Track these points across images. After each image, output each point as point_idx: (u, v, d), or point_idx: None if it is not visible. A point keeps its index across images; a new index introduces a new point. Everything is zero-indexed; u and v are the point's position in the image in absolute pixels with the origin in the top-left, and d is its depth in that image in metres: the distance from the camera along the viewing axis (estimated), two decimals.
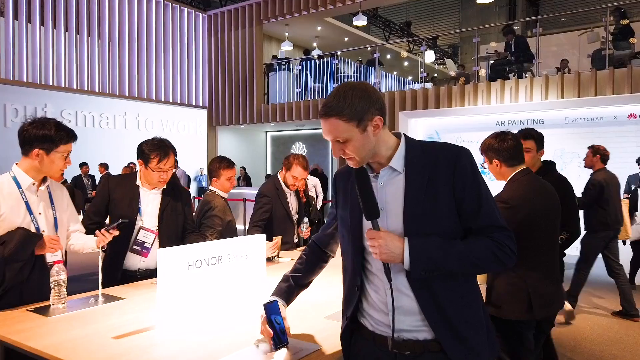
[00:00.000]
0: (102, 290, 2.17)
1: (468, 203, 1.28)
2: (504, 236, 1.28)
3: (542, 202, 2.17)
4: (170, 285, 1.74)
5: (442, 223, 1.27)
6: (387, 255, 1.22)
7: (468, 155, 1.31)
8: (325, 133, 1.29)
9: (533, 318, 2.11)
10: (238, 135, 13.22)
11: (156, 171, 2.49)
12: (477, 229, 1.29)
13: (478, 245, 1.26)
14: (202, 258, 1.86)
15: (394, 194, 1.29)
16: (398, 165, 1.30)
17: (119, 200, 2.54)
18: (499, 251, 1.26)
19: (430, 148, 1.33)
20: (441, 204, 1.26)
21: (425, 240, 1.23)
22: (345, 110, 1.24)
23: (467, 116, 8.49)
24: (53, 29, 9.88)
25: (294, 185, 3.45)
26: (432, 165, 1.28)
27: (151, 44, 11.39)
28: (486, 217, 1.29)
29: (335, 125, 1.26)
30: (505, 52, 8.91)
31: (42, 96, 9.86)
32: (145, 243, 2.51)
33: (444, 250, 1.23)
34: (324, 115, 1.27)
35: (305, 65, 11.46)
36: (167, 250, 1.75)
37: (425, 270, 1.22)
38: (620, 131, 7.41)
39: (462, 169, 1.28)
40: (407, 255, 1.21)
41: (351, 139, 1.26)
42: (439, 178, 1.27)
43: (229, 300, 1.97)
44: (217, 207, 3.06)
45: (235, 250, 2.00)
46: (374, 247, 1.23)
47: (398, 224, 1.27)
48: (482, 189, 1.30)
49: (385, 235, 1.23)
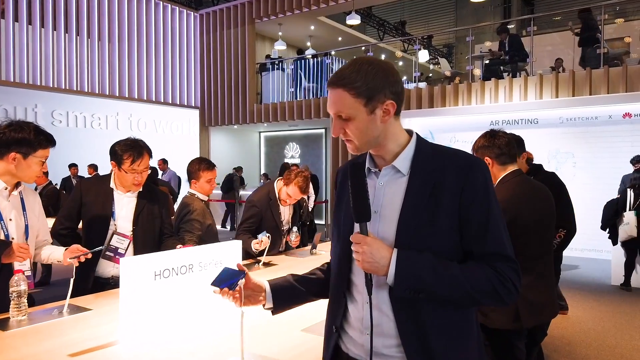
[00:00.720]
0: (70, 300, 2.04)
1: (474, 223, 1.11)
2: (508, 268, 1.10)
3: (534, 206, 2.07)
4: (135, 297, 1.62)
5: (440, 240, 1.11)
6: (370, 264, 1.07)
7: (483, 168, 1.14)
8: (329, 105, 1.15)
9: (521, 327, 2.01)
10: (231, 135, 13.08)
11: (130, 173, 2.37)
12: (480, 254, 1.12)
13: (477, 273, 1.09)
14: (171, 267, 1.74)
15: (392, 198, 1.15)
16: (403, 166, 1.16)
17: (91, 204, 2.42)
18: (500, 285, 1.08)
19: (441, 153, 1.17)
20: (443, 218, 1.10)
21: (417, 256, 1.08)
22: (356, 82, 1.10)
23: (460, 116, 8.40)
24: (41, 28, 9.71)
25: (285, 201, 3.34)
26: (440, 172, 1.13)
27: (142, 43, 11.24)
28: (492, 242, 1.11)
29: (340, 98, 1.12)
30: (500, 51, 8.82)
31: (32, 96, 9.68)
32: (119, 249, 2.39)
33: (436, 271, 1.07)
34: (332, 84, 1.13)
35: (299, 65, 11.35)
36: (131, 259, 1.64)
37: (411, 289, 1.06)
38: (615, 130, 7.35)
39: (473, 181, 1.12)
40: (393, 268, 1.06)
41: (355, 117, 1.12)
42: (446, 188, 1.11)
43: (201, 312, 1.85)
44: (196, 211, 2.95)
45: (208, 257, 1.88)
46: (357, 254, 1.08)
47: (390, 232, 1.12)
48: (493, 210, 1.12)
49: (372, 242, 1.08)
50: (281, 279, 1.35)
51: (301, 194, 3.30)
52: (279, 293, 1.31)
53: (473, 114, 8.25)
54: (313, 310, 1.94)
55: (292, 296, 1.33)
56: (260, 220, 3.27)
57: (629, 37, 10.29)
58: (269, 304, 1.30)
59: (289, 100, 10.86)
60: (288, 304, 1.33)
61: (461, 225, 1.11)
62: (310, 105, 10.31)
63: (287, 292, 1.32)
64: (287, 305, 1.33)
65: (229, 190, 11.14)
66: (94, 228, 2.39)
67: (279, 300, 1.30)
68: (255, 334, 1.69)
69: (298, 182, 3.25)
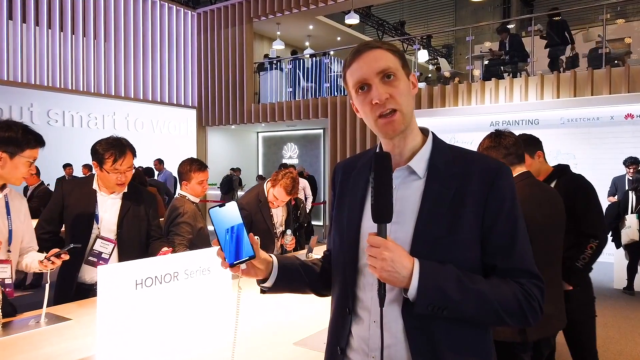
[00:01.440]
0: (49, 309, 1.93)
1: (498, 235, 1.00)
2: (534, 286, 0.99)
3: (543, 211, 1.95)
4: (114, 308, 1.51)
5: (461, 252, 0.99)
6: (389, 274, 0.91)
7: (510, 175, 1.04)
8: (368, 66, 1.02)
9: (526, 340, 1.89)
10: (228, 135, 12.96)
11: (112, 173, 2.25)
12: (504, 269, 1.00)
13: (504, 289, 0.97)
14: (153, 275, 1.62)
15: (406, 203, 1.02)
16: (419, 168, 1.04)
17: (73, 207, 2.30)
18: (526, 303, 0.97)
19: (463, 156, 1.06)
20: (464, 228, 0.99)
21: (440, 268, 0.95)
22: (391, 46, 1.05)
23: (460, 116, 8.29)
24: (36, 26, 9.58)
25: (272, 203, 3.20)
26: (463, 177, 1.01)
27: (139, 42, 11.12)
28: (518, 257, 1.00)
29: (383, 55, 1.03)
30: (500, 50, 8.72)
31: (28, 95, 9.55)
32: (103, 254, 2.27)
33: (462, 285, 0.94)
34: (366, 47, 1.04)
35: (297, 65, 11.24)
36: (109, 267, 1.52)
37: (434, 305, 0.93)
38: (617, 132, 7.24)
39: (500, 190, 1.01)
40: (416, 281, 0.92)
41: (399, 77, 1.02)
42: (469, 195, 0.99)
43: (186, 324, 1.73)
44: (187, 213, 2.82)
45: (194, 264, 1.76)
46: (374, 260, 0.92)
47: (405, 241, 0.99)
48: (520, 221, 1.02)
49: (395, 247, 0.92)
50: (288, 259, 1.19)
51: (287, 196, 3.13)
52: (285, 273, 1.14)
53: (473, 114, 8.14)
54: (304, 322, 1.83)
55: (293, 281, 1.17)
56: (251, 224, 3.14)
57: (629, 38, 10.23)
58: (270, 281, 1.12)
59: (287, 100, 10.75)
60: (285, 287, 1.17)
61: (484, 237, 1.00)
62: (308, 105, 10.20)
63: (291, 275, 1.16)
64: (283, 289, 1.17)
65: (228, 191, 11.03)
66: (77, 232, 2.27)
67: (281, 280, 1.14)
68: (245, 348, 1.57)
69: (283, 183, 3.10)
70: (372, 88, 1.02)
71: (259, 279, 1.13)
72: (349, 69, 1.06)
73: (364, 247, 1.03)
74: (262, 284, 1.15)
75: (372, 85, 1.02)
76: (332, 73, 10.86)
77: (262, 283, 1.14)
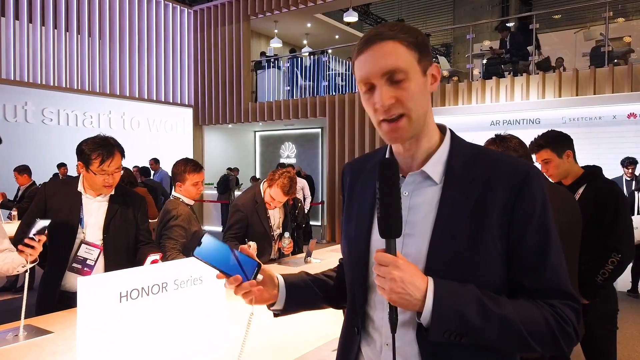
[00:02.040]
0: (30, 320, 1.80)
1: (527, 250, 0.87)
2: (568, 308, 0.87)
3: (557, 216, 1.83)
4: (96, 324, 1.37)
5: (483, 270, 0.86)
6: (399, 296, 0.80)
7: (541, 179, 0.90)
8: (373, 63, 0.87)
9: (542, 356, 1.77)
10: (225, 134, 12.81)
11: (99, 174, 2.12)
12: (533, 290, 0.87)
13: (533, 313, 0.85)
14: (140, 287, 1.48)
15: (420, 213, 0.90)
16: (435, 172, 0.91)
17: (56, 210, 2.16)
18: (558, 328, 0.84)
19: (486, 157, 0.93)
20: (487, 242, 0.86)
21: (459, 288, 0.83)
22: (407, 33, 0.87)
23: (460, 115, 8.17)
24: (29, 23, 9.41)
25: (269, 204, 3.07)
26: (485, 182, 0.89)
27: (134, 40, 10.96)
28: (550, 275, 0.87)
29: (393, 50, 0.86)
30: (501, 49, 8.61)
31: (23, 94, 9.38)
32: (88, 260, 2.14)
33: (484, 308, 0.82)
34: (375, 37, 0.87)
35: (295, 63, 11.10)
36: (90, 278, 1.38)
37: (452, 332, 0.81)
38: (620, 131, 7.13)
39: (529, 197, 0.87)
40: (430, 303, 0.81)
41: (411, 77, 0.86)
42: (492, 203, 0.87)
43: (176, 339, 1.60)
44: (181, 216, 2.70)
45: (185, 274, 1.63)
46: (383, 280, 0.81)
47: (417, 257, 0.88)
48: (552, 233, 0.89)
49: (406, 265, 0.81)
50: (296, 276, 1.10)
51: (285, 196, 3.00)
52: (294, 293, 1.05)
53: (473, 113, 8.02)
54: (302, 338, 1.70)
55: (305, 298, 1.08)
56: (247, 226, 3.01)
57: (629, 37, 10.15)
58: (279, 303, 1.04)
59: (285, 99, 10.61)
60: (298, 307, 1.08)
61: (511, 252, 0.88)
62: (306, 104, 10.07)
63: (302, 293, 1.07)
64: (297, 309, 1.09)
65: (225, 191, 10.88)
66: (60, 237, 2.13)
67: (292, 300, 1.05)
68: None
69: (280, 183, 2.96)
70: (375, 89, 0.88)
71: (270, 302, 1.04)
72: (357, 61, 0.91)
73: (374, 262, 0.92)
74: (273, 308, 1.05)
75: (375, 86, 0.88)
76: (330, 71, 10.73)
77: (272, 306, 1.05)
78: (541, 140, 2.32)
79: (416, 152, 0.93)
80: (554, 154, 2.28)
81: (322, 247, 4.42)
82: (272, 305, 1.05)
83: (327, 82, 10.41)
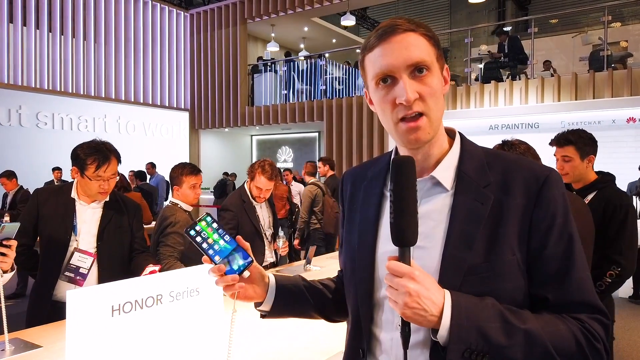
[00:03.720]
0: (18, 333, 1.71)
1: (549, 260, 0.80)
2: (597, 322, 0.79)
3: None
4: (85, 340, 1.29)
5: (501, 283, 0.79)
6: (413, 311, 0.72)
7: (560, 183, 0.84)
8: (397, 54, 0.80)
9: None
10: (222, 139, 12.72)
11: (94, 180, 2.04)
12: (558, 303, 0.80)
13: (560, 328, 0.77)
14: (133, 299, 1.40)
15: (430, 222, 0.84)
16: (445, 178, 0.85)
17: (49, 217, 2.07)
18: (588, 345, 0.77)
19: (500, 161, 0.86)
20: (505, 252, 0.79)
21: (479, 304, 0.75)
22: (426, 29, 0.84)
23: (459, 120, 8.13)
24: (23, 26, 9.31)
25: (259, 197, 3.01)
26: (501, 187, 0.82)
27: (130, 43, 10.88)
28: (575, 287, 0.80)
29: (418, 42, 0.81)
30: (499, 53, 8.60)
31: (17, 97, 9.28)
32: (81, 268, 2.05)
33: (509, 325, 0.74)
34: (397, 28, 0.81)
35: (292, 67, 11.05)
36: (79, 291, 1.30)
37: (472, 351, 0.73)
38: (619, 136, 7.11)
39: (549, 202, 0.80)
40: (447, 320, 0.73)
41: (434, 73, 0.82)
42: (510, 211, 0.80)
43: (172, 355, 1.51)
44: (179, 223, 2.61)
45: (181, 285, 1.55)
46: (395, 293, 0.74)
47: (429, 269, 0.80)
48: (575, 241, 0.82)
49: (423, 277, 0.74)
50: (289, 279, 1.03)
51: (270, 182, 2.95)
52: (284, 295, 0.99)
53: (472, 118, 7.98)
54: (307, 353, 1.62)
55: (295, 303, 1.01)
56: (237, 226, 2.94)
57: (626, 42, 10.17)
58: (267, 304, 0.98)
59: (282, 103, 10.55)
60: (287, 311, 1.01)
61: (531, 262, 0.81)
62: (303, 108, 10.01)
63: (292, 297, 1.00)
64: (285, 313, 1.02)
65: (222, 196, 10.80)
66: (52, 245, 2.05)
67: (280, 303, 0.98)
68: None
69: (263, 170, 2.93)
70: (397, 83, 0.81)
71: (257, 301, 0.97)
72: (371, 54, 0.84)
73: (381, 275, 0.85)
74: (259, 307, 0.99)
75: (398, 79, 0.81)
76: (328, 75, 10.69)
77: (259, 306, 0.98)
78: (571, 136, 2.21)
79: (427, 157, 0.87)
80: (578, 154, 2.20)
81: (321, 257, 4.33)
82: (259, 305, 0.99)
83: (324, 86, 10.37)
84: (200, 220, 0.92)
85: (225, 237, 0.91)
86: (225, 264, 0.90)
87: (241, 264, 0.90)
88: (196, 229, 0.91)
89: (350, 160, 9.24)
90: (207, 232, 0.91)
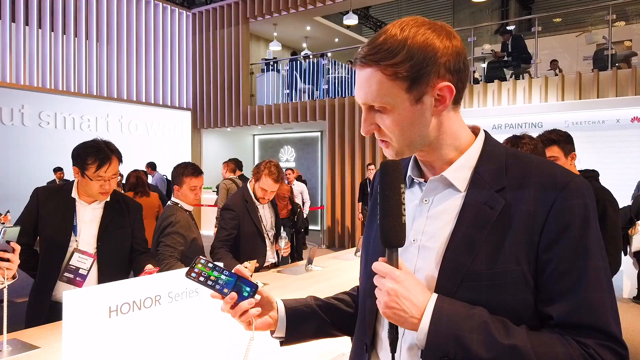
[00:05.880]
0: (16, 334, 1.69)
1: (557, 274, 0.73)
2: (607, 350, 0.72)
3: None
4: (82, 341, 1.27)
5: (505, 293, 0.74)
6: (393, 311, 0.73)
7: (582, 192, 0.76)
8: (356, 89, 0.82)
9: None
10: (224, 138, 12.71)
11: (95, 180, 2.02)
12: (562, 323, 0.73)
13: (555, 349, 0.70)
14: (131, 300, 1.38)
15: (438, 222, 0.81)
16: (458, 179, 0.82)
17: (49, 217, 2.06)
18: None
19: (521, 164, 0.80)
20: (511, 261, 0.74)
21: (465, 312, 0.73)
22: (394, 57, 0.76)
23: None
24: (25, 26, 9.32)
25: (263, 198, 2.97)
26: (514, 191, 0.77)
27: (132, 43, 10.88)
28: (587, 307, 0.72)
29: (371, 80, 0.78)
30: (502, 52, 8.56)
31: (19, 97, 9.29)
32: (80, 269, 2.04)
33: (491, 338, 0.70)
34: (360, 60, 0.79)
35: (294, 66, 11.03)
36: (77, 291, 1.28)
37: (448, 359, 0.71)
38: (623, 135, 7.06)
39: (563, 212, 0.74)
40: (426, 324, 0.72)
41: (393, 108, 0.78)
42: (520, 217, 0.76)
43: (171, 357, 1.49)
44: (179, 223, 2.60)
45: (180, 285, 1.53)
46: (378, 292, 0.75)
47: (431, 270, 0.79)
48: (594, 257, 0.74)
49: (404, 278, 0.74)
50: (299, 301, 1.02)
51: (275, 184, 2.90)
52: (295, 320, 0.98)
53: (475, 117, 7.93)
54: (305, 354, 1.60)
55: (311, 326, 1.00)
56: (239, 227, 2.91)
57: (630, 41, 10.10)
58: (280, 332, 0.97)
59: (284, 102, 10.53)
60: (304, 335, 1.00)
61: (539, 275, 0.75)
62: (306, 107, 9.98)
63: (305, 320, 0.99)
64: (303, 337, 1.01)
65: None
66: (52, 245, 2.03)
67: (294, 329, 0.98)
68: None
69: (269, 172, 2.87)
70: None
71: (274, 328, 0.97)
72: None
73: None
74: (275, 335, 0.99)
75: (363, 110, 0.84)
76: (330, 75, 10.66)
77: (274, 334, 0.99)
78: (553, 136, 2.21)
79: (434, 159, 0.85)
80: (562, 153, 2.21)
81: (321, 252, 4.32)
82: (274, 332, 0.98)
83: (326, 86, 10.34)
84: (195, 264, 0.96)
85: (225, 272, 0.94)
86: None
87: (249, 290, 0.92)
88: (195, 271, 0.95)
89: (353, 160, 9.21)
90: (206, 271, 0.95)
